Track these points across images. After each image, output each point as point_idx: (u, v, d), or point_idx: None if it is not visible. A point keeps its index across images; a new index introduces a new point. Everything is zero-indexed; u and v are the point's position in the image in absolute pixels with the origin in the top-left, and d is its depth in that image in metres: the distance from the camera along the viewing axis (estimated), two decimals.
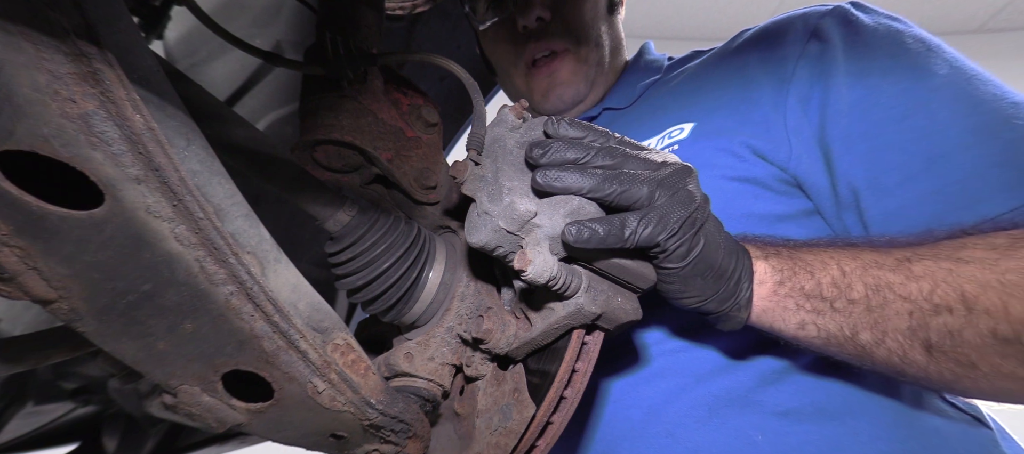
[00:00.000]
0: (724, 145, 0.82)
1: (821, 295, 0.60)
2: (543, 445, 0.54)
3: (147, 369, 0.39)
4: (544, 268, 0.46)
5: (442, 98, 1.59)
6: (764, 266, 0.61)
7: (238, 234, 0.39)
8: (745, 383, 0.71)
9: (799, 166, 0.79)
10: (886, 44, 0.78)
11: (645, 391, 0.75)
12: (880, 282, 0.58)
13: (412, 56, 0.69)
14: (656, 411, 0.73)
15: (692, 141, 0.86)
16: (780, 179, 0.80)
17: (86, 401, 1.36)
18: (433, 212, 0.76)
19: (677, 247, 0.52)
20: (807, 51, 0.82)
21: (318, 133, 0.66)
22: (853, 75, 0.77)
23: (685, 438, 0.70)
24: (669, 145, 0.88)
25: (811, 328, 0.61)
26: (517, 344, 0.55)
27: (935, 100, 0.71)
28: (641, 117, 1.01)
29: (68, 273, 0.33)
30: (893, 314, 0.57)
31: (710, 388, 0.72)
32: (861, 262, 0.60)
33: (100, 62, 0.31)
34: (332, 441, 0.50)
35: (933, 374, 0.58)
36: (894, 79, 0.74)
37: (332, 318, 0.45)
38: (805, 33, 0.84)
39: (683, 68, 1.04)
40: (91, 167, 0.32)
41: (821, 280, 0.60)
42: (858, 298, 0.59)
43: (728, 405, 0.70)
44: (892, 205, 0.70)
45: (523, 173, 0.51)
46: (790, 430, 0.67)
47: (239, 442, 1.55)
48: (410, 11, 1.32)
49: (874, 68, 0.77)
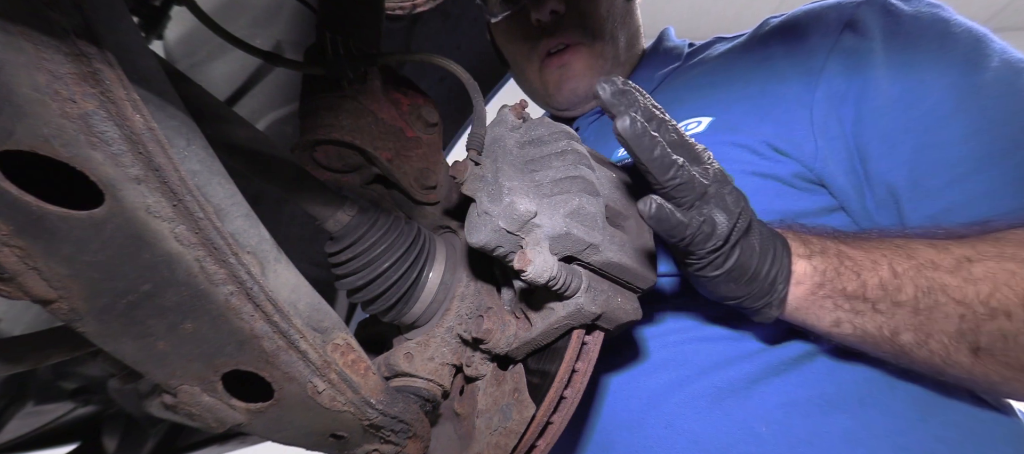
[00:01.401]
0: (743, 141, 0.78)
1: (864, 296, 0.57)
2: (543, 445, 0.54)
3: (147, 369, 0.39)
4: (544, 268, 0.46)
5: (442, 98, 1.59)
6: (805, 266, 0.58)
7: (238, 234, 0.39)
8: (750, 374, 0.69)
9: (824, 166, 0.75)
10: (931, 34, 0.72)
11: (646, 382, 0.74)
12: (934, 284, 0.55)
13: (412, 56, 0.69)
14: (656, 402, 0.71)
15: (710, 135, 0.82)
16: (802, 177, 0.76)
17: (86, 401, 1.36)
18: (433, 212, 0.76)
19: (713, 260, 0.51)
20: (840, 43, 0.77)
21: (318, 133, 0.66)
22: (895, 69, 0.72)
23: (684, 428, 0.68)
24: None
25: (846, 327, 0.59)
26: (517, 344, 0.55)
27: (986, 95, 0.66)
28: None
29: (68, 273, 0.33)
30: (942, 317, 0.55)
31: (713, 379, 0.70)
32: (916, 262, 0.57)
33: (100, 62, 0.31)
34: (332, 441, 0.50)
35: (978, 375, 0.56)
36: (940, 72, 0.69)
37: (332, 318, 0.45)
38: (838, 24, 0.79)
39: (703, 56, 0.99)
40: (91, 167, 0.32)
41: (867, 281, 0.57)
42: (906, 300, 0.56)
43: (731, 395, 0.68)
44: (937, 208, 0.66)
45: (523, 173, 0.51)
46: (797, 422, 0.65)
47: (239, 442, 1.55)
48: (410, 11, 1.32)
49: (918, 61, 0.71)
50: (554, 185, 0.49)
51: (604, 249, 0.50)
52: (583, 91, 1.05)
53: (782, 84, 0.80)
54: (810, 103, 0.76)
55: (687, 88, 0.93)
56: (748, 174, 0.76)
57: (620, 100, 0.48)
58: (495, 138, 0.54)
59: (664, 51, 1.09)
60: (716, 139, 0.80)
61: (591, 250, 0.49)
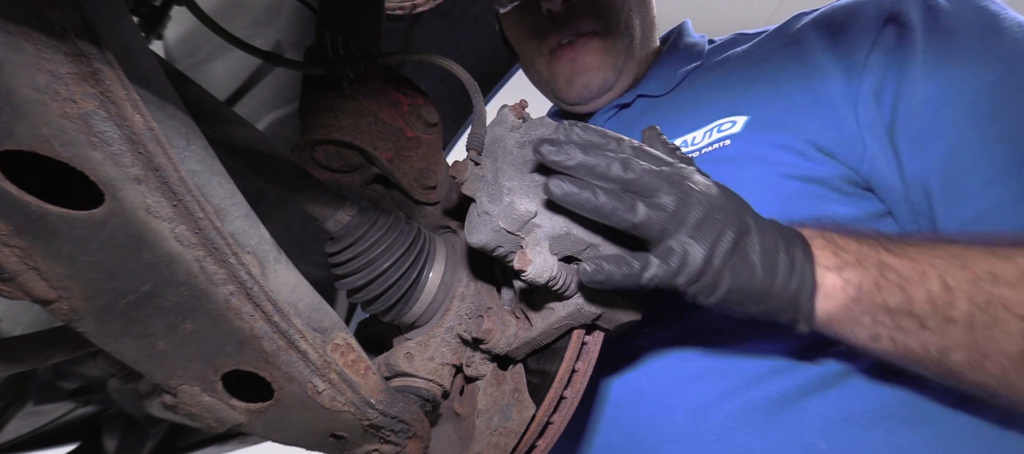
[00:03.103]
0: (784, 141, 0.73)
1: (910, 312, 0.51)
2: (543, 445, 0.54)
3: (147, 369, 0.39)
4: (544, 268, 0.46)
5: (442, 98, 1.59)
6: (835, 280, 0.52)
7: (238, 234, 0.39)
8: (802, 385, 0.65)
9: (873, 166, 0.70)
10: (974, 29, 0.68)
11: (689, 391, 0.69)
12: (993, 299, 0.50)
13: (412, 56, 0.69)
14: (702, 413, 0.67)
15: (746, 135, 0.77)
16: (849, 180, 0.71)
17: (86, 401, 1.36)
18: (433, 212, 0.76)
19: (698, 291, 0.48)
20: (882, 38, 0.73)
21: (318, 133, 0.66)
22: (930, 67, 0.68)
23: (738, 443, 0.64)
24: (719, 140, 0.79)
25: (886, 343, 0.53)
26: (517, 344, 0.55)
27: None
28: (681, 107, 0.91)
29: (68, 273, 0.33)
30: (1002, 335, 0.49)
31: (763, 390, 0.66)
32: (972, 274, 0.51)
33: (100, 62, 0.31)
34: (332, 441, 0.50)
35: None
36: (980, 70, 0.65)
37: (332, 318, 0.45)
38: (879, 18, 0.75)
39: (727, 53, 0.94)
40: (91, 167, 0.32)
41: (913, 296, 0.51)
42: (959, 317, 0.50)
43: (784, 408, 0.64)
44: (970, 212, 0.62)
45: (523, 173, 0.51)
46: (857, 436, 0.61)
47: (239, 442, 1.55)
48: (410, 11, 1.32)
49: (956, 58, 0.67)
50: None
51: (604, 249, 0.50)
52: (596, 86, 1.00)
53: (825, 81, 0.75)
54: (855, 100, 0.72)
55: (718, 84, 0.88)
56: (790, 178, 0.71)
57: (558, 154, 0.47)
58: (495, 138, 0.54)
59: (684, 47, 1.02)
60: (754, 139, 0.76)
61: (591, 250, 0.49)
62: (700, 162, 0.78)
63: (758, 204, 0.67)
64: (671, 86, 0.95)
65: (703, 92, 0.89)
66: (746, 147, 0.76)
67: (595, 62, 0.98)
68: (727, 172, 0.73)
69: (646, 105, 0.98)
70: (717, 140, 0.79)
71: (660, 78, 0.98)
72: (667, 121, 0.89)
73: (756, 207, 0.67)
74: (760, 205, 0.67)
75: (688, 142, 0.84)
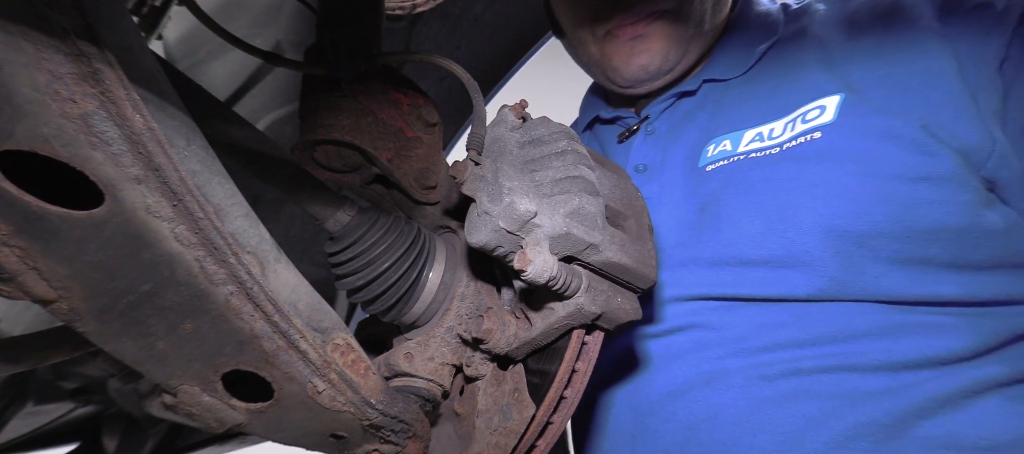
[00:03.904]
0: (892, 127, 0.61)
1: None
2: (543, 445, 0.54)
3: (147, 369, 0.39)
4: (544, 268, 0.46)
5: (442, 98, 1.59)
6: None
7: (238, 234, 0.39)
8: (918, 406, 0.55)
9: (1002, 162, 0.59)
10: None
11: (776, 415, 0.60)
12: None
13: (412, 56, 0.69)
14: (795, 440, 0.58)
15: (842, 123, 0.64)
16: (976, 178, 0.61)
17: (86, 401, 1.36)
18: (433, 212, 0.76)
19: None
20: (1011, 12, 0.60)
21: (318, 133, 0.66)
22: None
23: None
24: (806, 132, 0.67)
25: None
26: (517, 344, 0.55)
27: None
28: (757, 93, 0.77)
29: (68, 273, 0.33)
30: None
31: (870, 412, 0.56)
32: None
33: (100, 62, 0.31)
34: (332, 441, 0.50)
35: None
36: None
37: (332, 318, 0.45)
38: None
39: (807, 22, 0.79)
40: (91, 167, 0.32)
41: None
42: None
43: (900, 434, 0.54)
44: None
45: (523, 173, 0.51)
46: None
47: (239, 442, 1.55)
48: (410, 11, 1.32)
49: None
50: (554, 185, 0.49)
51: (604, 249, 0.50)
52: (656, 66, 0.84)
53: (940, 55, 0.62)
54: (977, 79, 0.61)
55: (797, 65, 0.74)
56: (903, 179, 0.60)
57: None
58: (495, 138, 0.54)
59: (755, 17, 0.86)
60: (853, 127, 0.64)
61: (591, 250, 0.49)
62: (781, 160, 0.68)
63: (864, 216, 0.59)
64: (746, 67, 0.81)
65: (783, 70, 0.75)
66: (842, 139, 0.64)
67: (661, 40, 0.82)
68: (817, 174, 0.64)
69: (713, 91, 0.83)
70: (803, 133, 0.67)
71: (731, 58, 0.83)
72: (739, 111, 0.77)
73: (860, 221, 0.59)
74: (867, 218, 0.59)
75: (764, 135, 0.72)
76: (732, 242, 0.68)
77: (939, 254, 0.60)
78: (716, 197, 0.72)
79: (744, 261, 0.67)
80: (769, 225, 0.66)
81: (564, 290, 0.48)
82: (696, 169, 0.77)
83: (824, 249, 0.62)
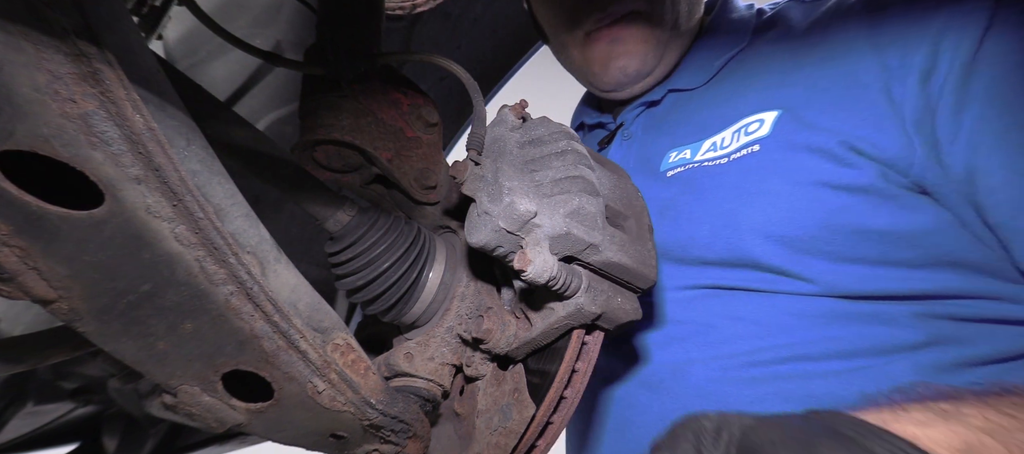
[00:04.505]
0: (816, 143, 0.65)
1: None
2: (543, 445, 0.54)
3: (147, 369, 0.39)
4: (544, 268, 0.46)
5: (442, 98, 1.59)
6: None
7: (238, 234, 0.39)
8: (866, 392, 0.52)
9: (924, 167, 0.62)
10: None
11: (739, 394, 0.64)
12: None
13: (412, 56, 0.69)
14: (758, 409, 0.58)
15: (775, 137, 0.68)
16: (899, 184, 0.63)
17: (86, 401, 1.37)
18: (433, 212, 0.76)
19: None
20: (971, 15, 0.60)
21: (318, 133, 0.66)
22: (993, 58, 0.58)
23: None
24: (746, 145, 0.71)
25: None
26: (517, 344, 0.55)
27: None
28: (713, 102, 0.80)
29: (68, 273, 0.33)
30: None
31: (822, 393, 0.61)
32: None
33: (100, 62, 0.31)
34: (332, 441, 0.50)
35: None
36: None
37: (332, 318, 0.45)
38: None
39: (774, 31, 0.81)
40: (91, 167, 0.32)
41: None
42: None
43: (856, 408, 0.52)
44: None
45: (523, 173, 0.51)
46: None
47: (239, 442, 1.55)
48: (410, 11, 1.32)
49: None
50: (554, 185, 0.49)
51: (604, 249, 0.50)
52: (634, 69, 0.87)
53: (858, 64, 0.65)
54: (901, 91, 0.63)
55: (752, 76, 0.77)
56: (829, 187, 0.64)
57: None
58: (495, 138, 0.54)
59: (727, 25, 0.88)
60: (783, 142, 0.68)
61: (591, 250, 0.49)
62: (728, 170, 0.72)
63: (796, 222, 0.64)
64: (707, 77, 0.84)
65: (737, 82, 0.78)
66: (775, 152, 0.68)
67: (637, 43, 0.85)
68: (754, 184, 0.69)
69: (676, 101, 0.87)
70: (745, 144, 0.71)
71: (695, 68, 0.86)
72: (695, 121, 0.80)
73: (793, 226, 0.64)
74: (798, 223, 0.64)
75: (717, 145, 0.76)
76: (688, 244, 0.75)
77: (867, 253, 0.64)
78: (674, 202, 0.78)
79: (701, 261, 0.74)
80: (715, 230, 0.72)
81: (564, 290, 0.48)
82: (659, 174, 0.82)
83: (764, 251, 0.68)
